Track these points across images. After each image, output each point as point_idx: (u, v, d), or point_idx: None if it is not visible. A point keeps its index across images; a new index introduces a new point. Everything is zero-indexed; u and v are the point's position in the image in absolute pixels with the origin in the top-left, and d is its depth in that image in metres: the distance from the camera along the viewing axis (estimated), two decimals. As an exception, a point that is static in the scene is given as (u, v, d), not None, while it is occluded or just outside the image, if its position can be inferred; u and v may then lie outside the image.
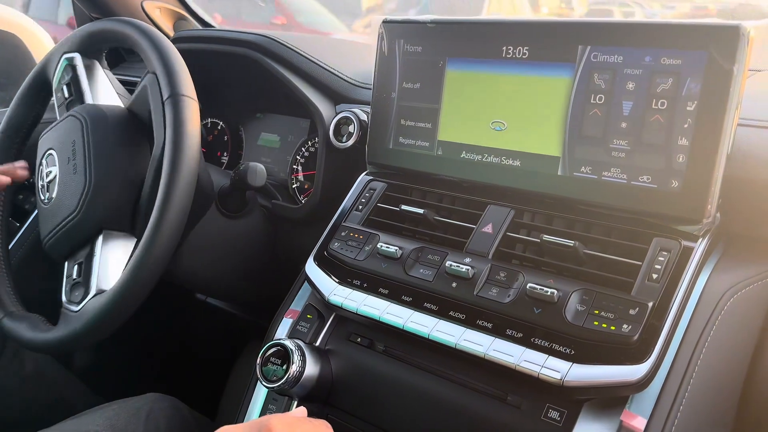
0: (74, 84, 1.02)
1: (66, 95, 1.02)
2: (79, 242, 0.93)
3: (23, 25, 1.70)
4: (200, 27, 1.49)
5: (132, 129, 0.96)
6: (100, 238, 0.91)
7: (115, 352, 1.52)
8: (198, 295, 1.42)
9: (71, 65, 1.02)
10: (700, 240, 0.71)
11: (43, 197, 0.98)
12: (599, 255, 0.74)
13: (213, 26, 1.49)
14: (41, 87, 1.08)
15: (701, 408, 0.68)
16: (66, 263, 0.95)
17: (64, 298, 0.92)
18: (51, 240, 0.95)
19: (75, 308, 0.89)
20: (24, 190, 1.38)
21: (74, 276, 0.92)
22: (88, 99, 1.01)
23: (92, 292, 0.88)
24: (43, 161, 0.99)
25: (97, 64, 1.05)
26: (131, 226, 0.93)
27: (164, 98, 0.86)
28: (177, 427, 0.95)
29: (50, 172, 0.97)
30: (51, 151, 0.98)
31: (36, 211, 1.14)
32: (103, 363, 1.53)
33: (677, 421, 0.65)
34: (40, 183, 0.99)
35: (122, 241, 0.93)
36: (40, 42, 1.67)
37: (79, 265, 0.92)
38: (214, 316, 1.54)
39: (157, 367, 1.64)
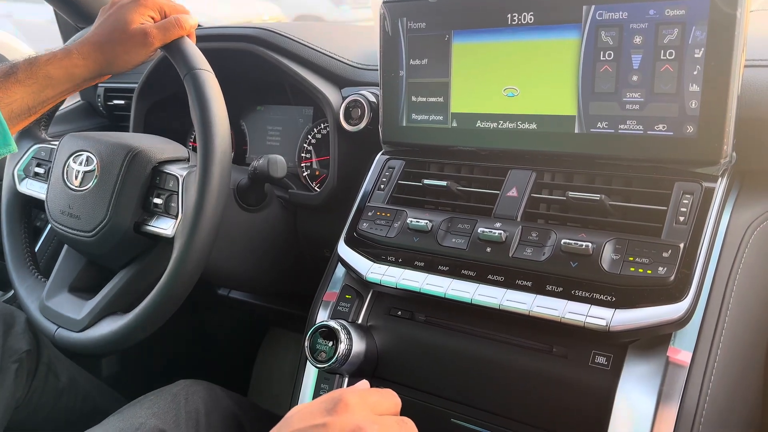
0: None
1: None
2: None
3: (9, 44, 1.69)
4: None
5: None
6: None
7: (140, 357, 1.54)
8: (220, 290, 1.44)
9: None
10: (720, 180, 0.74)
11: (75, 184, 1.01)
12: (625, 205, 0.78)
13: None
14: None
15: (740, 336, 0.72)
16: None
17: None
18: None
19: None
20: (34, 208, 1.38)
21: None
22: None
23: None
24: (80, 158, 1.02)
25: None
26: None
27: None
28: (213, 406, 0.97)
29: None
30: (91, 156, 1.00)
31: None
32: (129, 368, 1.55)
33: (720, 351, 0.69)
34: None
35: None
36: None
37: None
38: (233, 307, 1.56)
39: (182, 365, 1.66)
